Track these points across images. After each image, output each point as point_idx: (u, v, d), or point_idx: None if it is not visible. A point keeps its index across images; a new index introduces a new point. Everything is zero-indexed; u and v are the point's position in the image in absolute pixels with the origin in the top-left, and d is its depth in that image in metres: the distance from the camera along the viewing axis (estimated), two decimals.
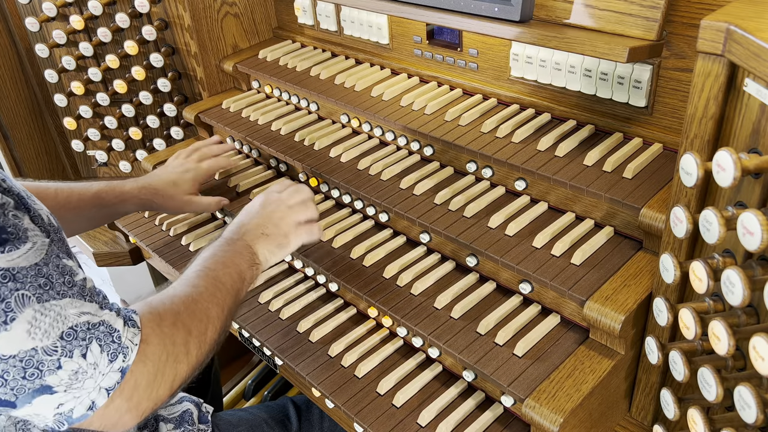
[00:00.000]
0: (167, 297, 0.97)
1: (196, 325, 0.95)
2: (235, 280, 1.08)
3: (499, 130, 1.36)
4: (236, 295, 1.07)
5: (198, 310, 0.97)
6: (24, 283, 0.75)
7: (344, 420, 1.24)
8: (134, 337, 0.84)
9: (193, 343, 0.93)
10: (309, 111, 1.74)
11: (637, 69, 1.21)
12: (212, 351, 0.99)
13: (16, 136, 2.06)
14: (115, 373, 0.81)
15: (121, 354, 0.82)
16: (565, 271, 1.12)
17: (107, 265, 1.93)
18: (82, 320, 0.79)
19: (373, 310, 1.32)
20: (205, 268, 1.06)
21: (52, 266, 0.78)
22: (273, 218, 1.22)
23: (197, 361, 0.94)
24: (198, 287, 1.01)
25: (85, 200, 1.38)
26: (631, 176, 1.17)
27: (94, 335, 0.80)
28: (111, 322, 0.82)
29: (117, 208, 1.42)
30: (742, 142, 0.81)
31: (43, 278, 0.77)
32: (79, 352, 0.78)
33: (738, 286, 0.70)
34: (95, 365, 0.79)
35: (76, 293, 0.80)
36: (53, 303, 0.77)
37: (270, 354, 1.32)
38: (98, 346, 0.80)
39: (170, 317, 0.92)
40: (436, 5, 1.31)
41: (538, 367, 1.07)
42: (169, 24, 1.86)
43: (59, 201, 1.34)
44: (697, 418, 0.81)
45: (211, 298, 1.01)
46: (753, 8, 0.79)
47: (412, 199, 1.35)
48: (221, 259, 1.10)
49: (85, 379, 0.79)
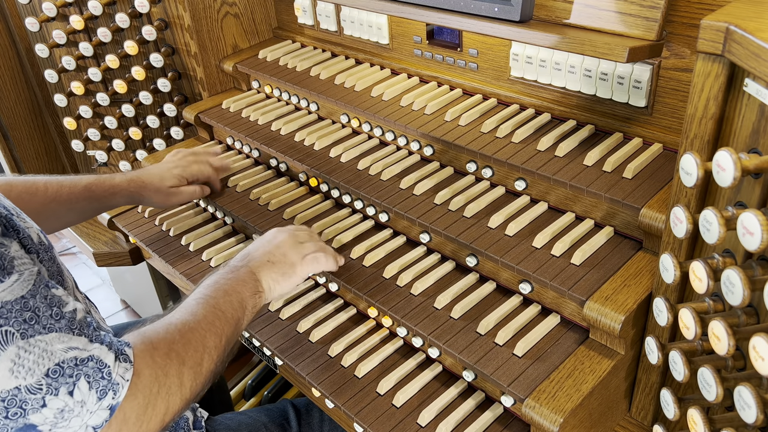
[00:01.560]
0: (162, 326, 0.93)
1: (191, 355, 0.91)
2: (236, 309, 1.05)
3: (499, 130, 1.36)
4: (236, 324, 1.04)
5: (194, 339, 0.94)
6: (8, 319, 0.71)
7: (344, 420, 1.24)
8: (125, 373, 0.80)
9: (188, 375, 0.89)
10: (309, 111, 1.74)
11: (637, 69, 1.21)
12: (209, 382, 0.96)
13: (16, 136, 2.06)
14: (103, 411, 0.78)
15: (111, 391, 0.78)
16: (565, 271, 1.12)
17: (107, 265, 1.93)
18: (70, 356, 0.76)
19: (373, 310, 1.32)
20: (205, 296, 1.03)
21: (39, 298, 0.75)
22: (281, 248, 1.20)
23: (192, 393, 0.91)
24: (196, 315, 0.98)
25: (75, 193, 1.38)
26: (631, 176, 1.17)
27: (82, 371, 0.76)
28: (101, 357, 0.79)
29: (107, 201, 1.43)
30: (742, 142, 0.81)
31: (29, 312, 0.73)
32: (66, 389, 0.75)
33: (738, 286, 0.70)
34: (83, 403, 0.76)
35: (64, 327, 0.77)
36: (39, 338, 0.73)
37: (270, 354, 1.32)
38: (86, 383, 0.76)
39: (164, 347, 0.88)
40: (436, 5, 1.31)
41: (538, 367, 1.07)
42: (169, 24, 1.86)
43: (49, 195, 1.34)
44: (697, 418, 0.81)
45: (210, 326, 0.98)
46: (753, 8, 0.79)
47: (412, 199, 1.35)
48: (223, 286, 1.07)
49: (72, 417, 0.76)
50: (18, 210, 0.85)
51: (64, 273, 0.92)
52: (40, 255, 0.84)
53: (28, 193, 1.31)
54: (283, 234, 1.25)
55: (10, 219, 0.80)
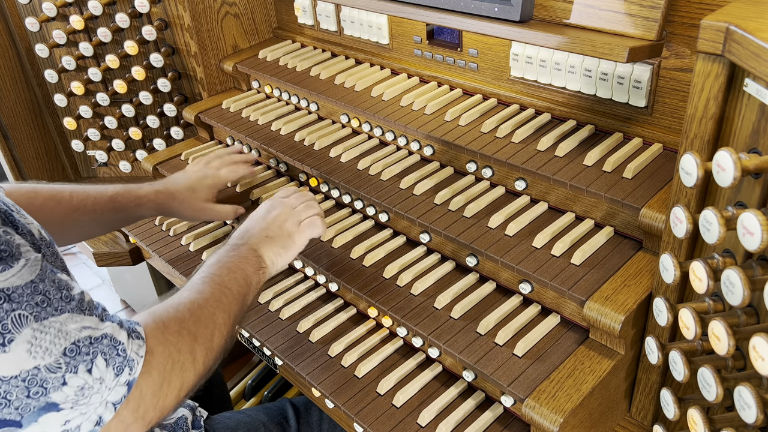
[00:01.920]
0: (171, 305, 0.95)
1: (202, 332, 0.93)
2: (241, 285, 1.06)
3: (499, 130, 1.36)
4: (243, 301, 1.06)
5: (204, 315, 0.95)
6: (20, 303, 0.72)
7: (344, 420, 1.24)
8: (139, 349, 0.82)
9: (200, 350, 0.91)
10: (309, 111, 1.74)
11: (637, 69, 1.21)
12: (220, 357, 0.98)
13: (16, 136, 2.06)
14: (121, 387, 0.79)
15: (127, 367, 0.80)
16: (565, 271, 1.12)
17: (107, 265, 1.93)
18: (84, 335, 0.77)
19: (373, 310, 1.32)
20: (210, 275, 1.05)
21: (48, 282, 0.76)
22: (277, 221, 1.22)
23: (204, 368, 0.93)
24: (203, 293, 1.00)
25: (101, 204, 1.35)
26: (631, 176, 1.17)
27: (98, 349, 0.78)
28: (114, 335, 0.80)
29: (133, 211, 1.39)
30: (742, 142, 0.81)
31: (40, 295, 0.75)
32: (84, 367, 0.76)
33: (738, 286, 0.70)
34: (101, 380, 0.78)
35: (75, 308, 0.78)
36: (52, 320, 0.75)
37: (270, 354, 1.32)
38: (103, 360, 0.78)
39: (175, 325, 0.90)
40: (436, 5, 1.31)
41: (538, 367, 1.07)
42: (169, 24, 1.86)
43: (74, 204, 1.31)
44: (697, 418, 0.81)
45: (217, 303, 0.99)
46: (753, 8, 0.79)
47: (412, 199, 1.35)
48: (227, 264, 1.09)
49: (92, 394, 0.77)
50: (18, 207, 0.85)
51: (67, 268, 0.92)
52: (42, 250, 0.84)
53: (53, 201, 1.29)
54: (277, 207, 1.25)
55: (10, 215, 0.80)
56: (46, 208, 1.28)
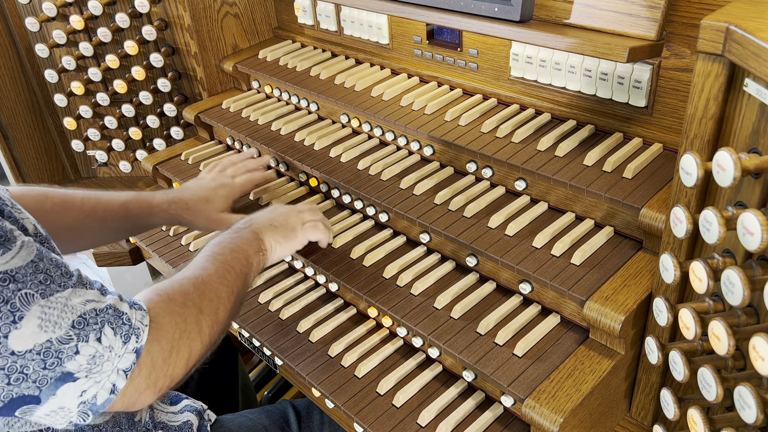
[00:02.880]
0: (175, 280, 0.98)
1: (207, 304, 0.96)
2: (243, 265, 1.09)
3: (499, 130, 1.36)
4: (245, 279, 1.09)
5: (208, 290, 0.99)
6: (25, 283, 0.75)
7: (344, 420, 1.24)
8: (143, 318, 0.85)
9: (205, 321, 0.95)
10: (309, 111, 1.74)
11: (637, 69, 1.21)
12: (224, 331, 1.01)
13: (16, 136, 2.06)
14: (130, 354, 0.83)
15: (134, 335, 0.83)
16: (565, 271, 1.12)
17: (107, 265, 1.93)
18: (89, 308, 0.80)
19: (373, 310, 1.32)
20: (213, 253, 1.08)
21: (47, 261, 0.79)
22: (282, 215, 1.26)
23: (210, 339, 0.96)
24: (207, 269, 1.03)
25: (112, 210, 1.32)
26: (631, 176, 1.17)
27: (104, 319, 0.81)
28: (117, 306, 0.84)
29: (145, 220, 1.36)
30: (742, 142, 0.81)
31: (42, 273, 0.77)
32: (94, 336, 0.80)
33: (738, 286, 0.70)
34: (111, 348, 0.81)
35: (76, 283, 0.81)
36: (58, 296, 0.78)
37: (270, 354, 1.32)
38: (111, 329, 0.81)
39: (180, 297, 0.94)
40: (436, 5, 1.31)
41: (538, 367, 1.07)
42: (169, 24, 1.86)
43: (84, 210, 1.29)
44: (697, 418, 0.81)
45: (221, 279, 1.02)
46: (753, 8, 0.79)
47: (412, 199, 1.35)
48: (229, 245, 1.12)
49: (103, 362, 0.80)
50: (13, 202, 0.86)
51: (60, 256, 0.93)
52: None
53: (63, 207, 1.28)
54: (284, 207, 1.31)
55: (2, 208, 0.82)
56: (55, 213, 1.27)
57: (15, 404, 0.77)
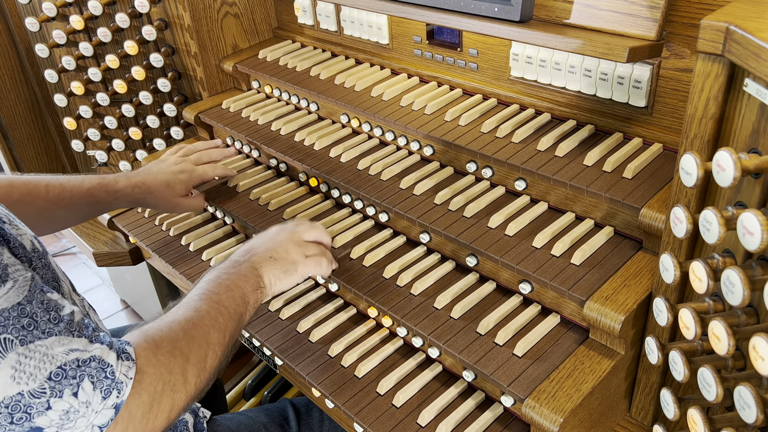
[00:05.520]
0: (165, 323, 0.93)
1: (195, 352, 0.92)
2: (238, 304, 1.05)
3: (499, 130, 1.36)
4: (239, 320, 1.05)
5: (198, 335, 0.94)
6: (6, 327, 0.72)
7: (344, 420, 1.24)
8: (129, 371, 0.81)
9: (192, 371, 0.90)
10: (309, 111, 1.74)
11: (637, 69, 1.21)
12: (213, 378, 0.96)
13: (16, 136, 2.06)
14: (108, 410, 0.78)
15: (115, 390, 0.79)
16: (565, 271, 1.12)
17: (107, 265, 1.93)
18: (71, 358, 0.76)
19: (373, 310, 1.32)
20: (207, 291, 1.04)
21: (36, 303, 0.75)
22: (283, 245, 1.20)
23: (196, 389, 0.91)
24: (200, 311, 0.98)
25: (77, 197, 1.37)
26: (631, 176, 1.17)
27: (85, 372, 0.77)
28: (103, 357, 0.79)
29: (109, 205, 1.44)
30: (742, 142, 0.81)
31: (27, 318, 0.74)
32: (70, 391, 0.75)
33: (738, 286, 0.70)
34: (87, 403, 0.77)
35: (63, 329, 0.77)
36: (38, 344, 0.74)
37: (270, 354, 1.32)
38: (90, 383, 0.77)
39: (167, 345, 0.89)
40: (436, 5, 1.31)
41: (538, 367, 1.07)
42: (169, 24, 1.86)
43: (50, 198, 1.33)
44: (697, 418, 0.81)
45: (213, 322, 0.98)
46: (753, 8, 0.79)
47: (412, 199, 1.35)
48: (225, 282, 1.07)
49: (77, 418, 0.76)
50: (12, 217, 0.84)
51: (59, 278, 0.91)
52: (34, 263, 0.83)
53: (29, 196, 1.31)
54: (286, 232, 1.24)
55: (2, 228, 0.79)
56: (22, 204, 1.29)
57: None
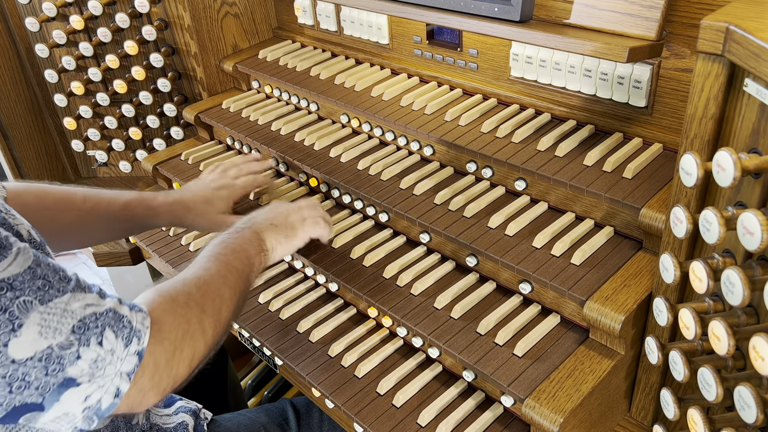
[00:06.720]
0: (178, 280, 0.98)
1: (210, 305, 0.96)
2: (245, 265, 1.09)
3: (499, 130, 1.36)
4: (247, 279, 1.09)
5: (210, 290, 0.98)
6: (23, 290, 0.74)
7: (344, 420, 1.24)
8: (144, 320, 0.85)
9: (208, 322, 0.94)
10: (309, 111, 1.74)
11: (637, 69, 1.21)
12: (227, 331, 1.01)
13: (16, 136, 2.06)
14: (132, 356, 0.82)
15: (135, 337, 0.82)
16: (565, 271, 1.12)
17: (107, 265, 1.93)
18: (89, 312, 0.79)
19: (373, 310, 1.32)
20: (215, 254, 1.08)
21: (44, 266, 0.78)
22: (282, 213, 1.26)
23: (213, 339, 0.96)
24: (209, 270, 1.03)
25: (113, 211, 1.32)
26: (631, 176, 1.17)
27: (104, 323, 0.80)
28: (117, 309, 0.83)
29: (146, 221, 1.36)
30: (742, 142, 0.81)
31: (40, 279, 0.76)
32: (95, 340, 0.79)
33: (738, 286, 0.70)
34: (113, 351, 0.80)
35: (75, 287, 0.80)
36: (56, 301, 0.77)
37: (270, 354, 1.32)
38: (112, 332, 0.80)
39: (182, 298, 0.93)
40: (436, 5, 1.31)
41: (538, 367, 1.07)
42: (169, 24, 1.86)
43: (86, 209, 1.28)
44: (697, 418, 0.81)
45: (223, 280, 1.02)
46: (753, 8, 0.79)
47: (412, 199, 1.35)
48: (231, 245, 1.12)
49: (105, 365, 0.79)
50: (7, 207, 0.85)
51: None
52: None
53: (64, 204, 1.27)
54: (283, 205, 1.30)
55: None
56: (56, 209, 1.26)
57: (18, 412, 0.76)
